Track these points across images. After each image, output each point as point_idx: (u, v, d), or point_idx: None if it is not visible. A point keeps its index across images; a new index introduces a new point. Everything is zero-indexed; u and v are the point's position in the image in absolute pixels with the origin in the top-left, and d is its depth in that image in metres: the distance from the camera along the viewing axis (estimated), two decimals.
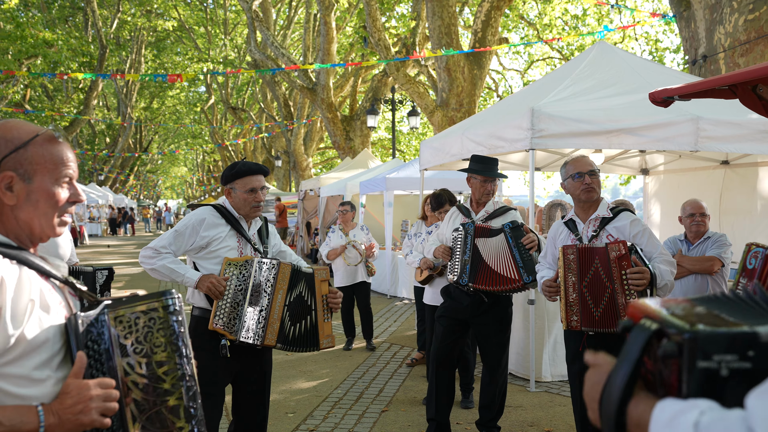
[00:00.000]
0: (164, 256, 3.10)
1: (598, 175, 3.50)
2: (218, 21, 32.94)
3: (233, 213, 3.21)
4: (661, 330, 0.88)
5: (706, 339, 0.82)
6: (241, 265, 3.10)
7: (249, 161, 3.29)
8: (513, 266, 3.97)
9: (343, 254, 7.08)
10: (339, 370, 6.27)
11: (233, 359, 3.10)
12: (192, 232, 3.14)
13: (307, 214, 17.67)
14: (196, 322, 3.15)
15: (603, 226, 3.42)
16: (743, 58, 8.26)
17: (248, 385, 3.23)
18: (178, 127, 42.88)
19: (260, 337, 3.05)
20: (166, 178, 78.79)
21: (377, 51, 15.71)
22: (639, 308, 0.94)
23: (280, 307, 3.10)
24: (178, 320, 1.49)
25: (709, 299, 0.96)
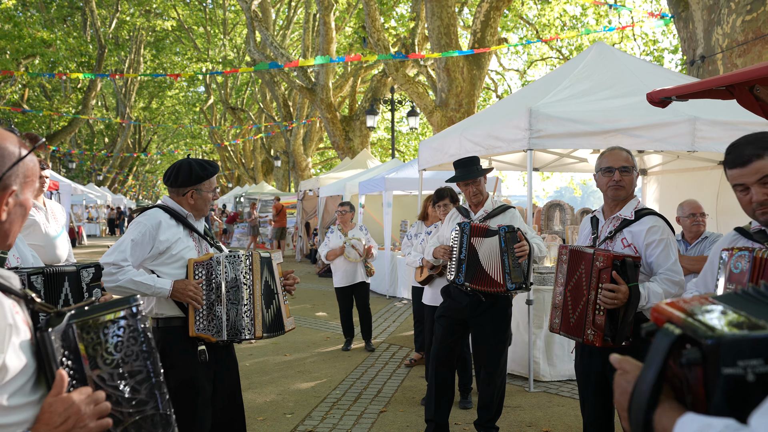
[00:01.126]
0: (126, 270, 2.86)
1: (632, 171, 3.17)
2: (217, 21, 32.93)
3: (181, 212, 3.08)
4: (684, 335, 0.86)
5: (730, 345, 0.80)
6: (207, 264, 3.00)
7: (199, 160, 3.15)
8: (500, 271, 3.97)
9: (344, 252, 7.09)
10: (337, 371, 6.28)
11: (211, 363, 3.03)
12: (150, 238, 2.93)
13: (306, 215, 17.68)
14: (167, 334, 3.00)
15: (621, 228, 3.16)
16: (741, 58, 8.27)
17: (223, 383, 3.14)
18: (177, 128, 42.87)
19: (250, 331, 2.99)
20: None
21: (376, 51, 15.71)
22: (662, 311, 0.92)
23: (259, 298, 3.03)
24: (146, 326, 1.42)
25: (731, 298, 0.94)
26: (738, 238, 2.38)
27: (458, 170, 4.32)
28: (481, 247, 4.04)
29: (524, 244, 3.94)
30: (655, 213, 3.19)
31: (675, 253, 3.10)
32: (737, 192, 2.21)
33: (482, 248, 4.04)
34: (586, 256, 3.05)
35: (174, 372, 2.93)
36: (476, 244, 4.06)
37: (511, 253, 3.95)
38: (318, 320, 9.22)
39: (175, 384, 2.92)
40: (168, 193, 3.16)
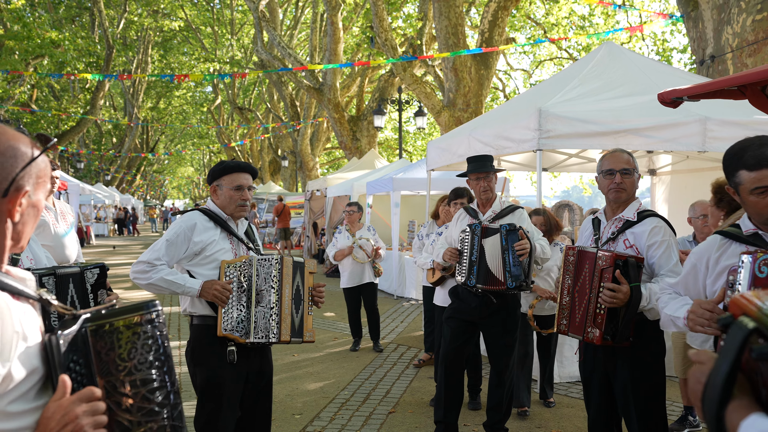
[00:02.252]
0: (159, 269, 2.96)
1: (633, 173, 3.18)
2: (225, 21, 33.00)
3: (221, 215, 3.13)
4: (758, 329, 0.85)
5: None
6: (241, 266, 3.04)
7: (240, 161, 3.23)
8: (501, 269, 3.97)
9: (353, 253, 7.08)
10: (346, 371, 6.27)
11: (241, 364, 3.06)
12: (184, 239, 3.01)
13: (314, 215, 17.69)
14: (201, 332, 3.07)
15: (623, 230, 3.15)
16: (751, 58, 8.22)
17: (255, 386, 3.18)
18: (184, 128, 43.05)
19: (276, 335, 3.01)
20: (173, 178, 79.00)
21: (384, 51, 15.71)
22: (738, 304, 0.91)
23: (289, 301, 3.07)
24: (162, 333, 1.38)
25: None
26: (728, 242, 2.32)
27: (471, 164, 4.31)
28: (486, 247, 4.04)
29: (525, 242, 3.92)
30: (657, 215, 3.19)
31: (676, 254, 3.10)
32: (754, 195, 2.15)
33: (487, 247, 4.03)
34: (590, 256, 3.07)
35: (201, 369, 3.04)
36: (484, 245, 4.05)
37: (511, 251, 3.94)
38: (326, 320, 9.22)
39: (201, 381, 3.04)
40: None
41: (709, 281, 2.36)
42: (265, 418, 3.26)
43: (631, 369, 3.06)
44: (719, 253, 2.33)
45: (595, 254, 3.02)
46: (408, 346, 7.45)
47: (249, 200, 3.19)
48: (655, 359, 3.12)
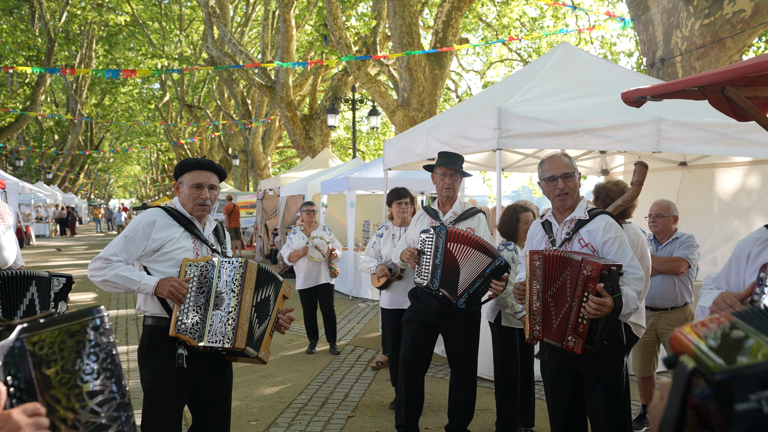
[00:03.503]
0: (116, 265, 2.88)
1: (574, 176, 3.20)
2: (173, 16, 32.23)
3: (184, 213, 3.05)
4: (697, 370, 0.82)
5: (739, 380, 0.76)
6: (203, 266, 2.93)
7: (204, 159, 3.14)
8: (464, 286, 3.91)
9: (308, 253, 6.92)
10: (302, 375, 6.12)
11: (192, 368, 2.93)
12: (143, 235, 2.94)
13: (267, 214, 17.40)
14: (151, 332, 2.97)
15: (577, 229, 3.15)
16: (699, 61, 8.43)
17: (209, 396, 3.05)
18: (131, 125, 41.83)
19: (230, 340, 2.87)
20: (119, 177, 76.88)
21: (338, 49, 15.56)
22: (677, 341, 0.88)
23: (249, 308, 2.93)
24: (109, 341, 1.27)
25: (749, 316, 0.88)
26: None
27: (442, 159, 4.24)
28: (464, 257, 3.92)
29: (502, 285, 3.90)
30: (606, 212, 3.22)
31: (629, 249, 3.12)
32: None
33: (467, 260, 3.92)
34: (573, 263, 2.95)
35: (147, 371, 2.95)
36: (456, 251, 3.93)
37: (486, 282, 3.88)
38: None
39: (146, 383, 2.95)
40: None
41: (747, 275, 2.26)
42: (220, 423, 3.11)
43: (597, 369, 3.05)
44: (761, 248, 2.24)
45: (579, 262, 2.91)
46: (365, 347, 7.34)
47: (209, 199, 3.06)
48: (618, 358, 3.12)
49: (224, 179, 3.24)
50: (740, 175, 7.10)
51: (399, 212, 5.22)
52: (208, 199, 3.05)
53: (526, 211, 4.59)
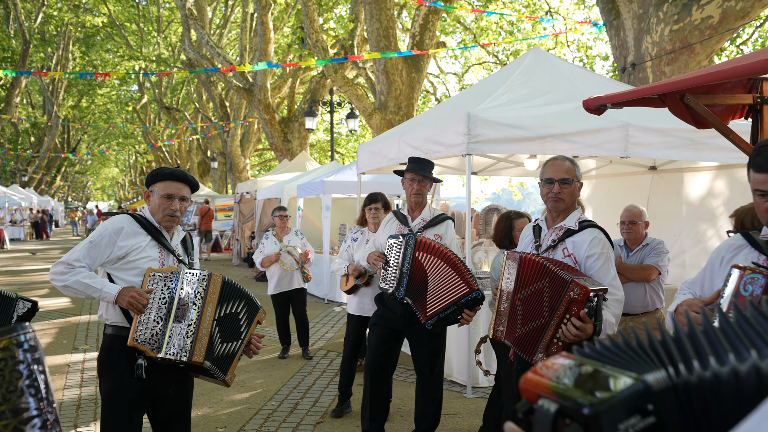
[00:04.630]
0: (78, 271, 2.83)
1: (572, 183, 3.11)
2: (151, 18, 31.96)
3: (153, 222, 3.02)
4: (562, 410, 0.79)
5: (607, 411, 0.75)
6: (167, 276, 2.90)
7: (176, 168, 3.10)
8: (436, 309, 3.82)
9: (280, 260, 6.90)
10: (273, 380, 6.10)
11: (151, 380, 2.90)
12: (109, 242, 2.89)
13: (244, 217, 17.32)
14: (110, 341, 2.93)
15: (564, 238, 3.10)
16: (669, 66, 8.54)
17: (168, 408, 3.03)
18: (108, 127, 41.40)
19: (187, 353, 2.83)
20: (96, 180, 76.00)
21: (315, 52, 15.54)
22: (531, 385, 0.85)
23: (210, 322, 2.89)
24: (36, 358, 1.24)
25: (595, 353, 0.88)
26: (744, 245, 2.21)
27: (412, 164, 4.24)
28: (436, 273, 3.86)
29: (472, 317, 3.86)
30: (597, 226, 3.14)
31: (614, 268, 3.06)
32: (756, 196, 2.07)
33: (438, 277, 3.86)
34: (559, 280, 2.84)
35: (105, 381, 2.93)
36: (425, 263, 3.88)
37: (459, 311, 3.81)
38: None
39: (105, 393, 2.92)
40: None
41: (718, 280, 2.22)
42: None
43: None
44: (732, 254, 2.23)
45: (568, 281, 2.80)
46: (338, 352, 7.33)
47: (178, 211, 3.03)
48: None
49: (196, 191, 3.22)
50: (708, 179, 7.20)
51: (370, 217, 5.23)
52: (178, 210, 3.03)
53: (521, 218, 4.59)
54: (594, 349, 0.89)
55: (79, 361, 6.88)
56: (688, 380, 0.79)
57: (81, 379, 6.17)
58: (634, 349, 0.87)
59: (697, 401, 0.78)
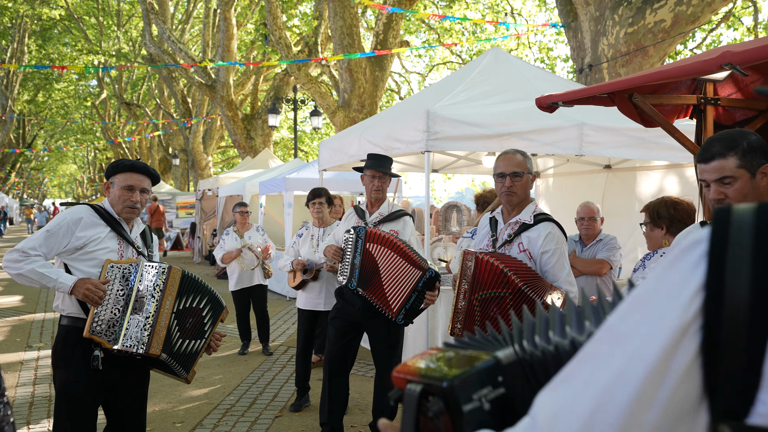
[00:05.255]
0: (33, 260, 2.80)
1: (524, 176, 3.17)
2: (111, 12, 31.34)
3: (112, 214, 3.01)
4: (425, 389, 0.87)
5: (462, 382, 0.84)
6: (125, 268, 2.91)
7: (138, 161, 3.09)
8: (400, 302, 3.86)
9: (239, 258, 6.88)
10: (233, 376, 6.09)
11: (108, 371, 2.90)
12: (66, 231, 2.87)
13: (206, 215, 17.15)
14: (66, 332, 2.91)
15: (520, 233, 3.15)
16: (624, 68, 8.77)
17: (124, 398, 3.04)
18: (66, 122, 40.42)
19: (144, 345, 2.84)
20: (54, 176, 74.14)
21: (278, 49, 15.48)
22: (402, 374, 0.93)
23: (168, 315, 2.91)
24: None
25: (458, 343, 0.98)
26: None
27: (371, 161, 4.29)
28: (387, 263, 3.92)
29: (435, 296, 3.88)
30: (552, 219, 3.20)
31: (567, 263, 3.15)
32: (701, 186, 2.17)
33: (390, 266, 3.91)
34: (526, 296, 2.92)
35: (60, 372, 2.91)
36: (375, 252, 3.95)
37: (421, 295, 3.86)
38: None
39: (59, 385, 2.91)
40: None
41: None
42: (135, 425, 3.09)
43: None
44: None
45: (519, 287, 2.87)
46: None
47: (139, 203, 3.03)
48: None
49: (157, 183, 3.21)
50: (659, 177, 7.43)
51: (314, 212, 5.28)
52: (139, 202, 3.03)
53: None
54: (460, 340, 0.99)
55: (33, 359, 6.76)
56: (532, 353, 0.90)
57: (35, 377, 6.07)
58: (495, 336, 0.98)
59: (539, 370, 0.89)
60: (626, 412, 0.69)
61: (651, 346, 0.70)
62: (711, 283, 0.70)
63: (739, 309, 0.68)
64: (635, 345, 0.71)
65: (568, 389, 0.74)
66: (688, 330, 0.70)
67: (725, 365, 0.68)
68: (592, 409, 0.70)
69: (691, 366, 0.69)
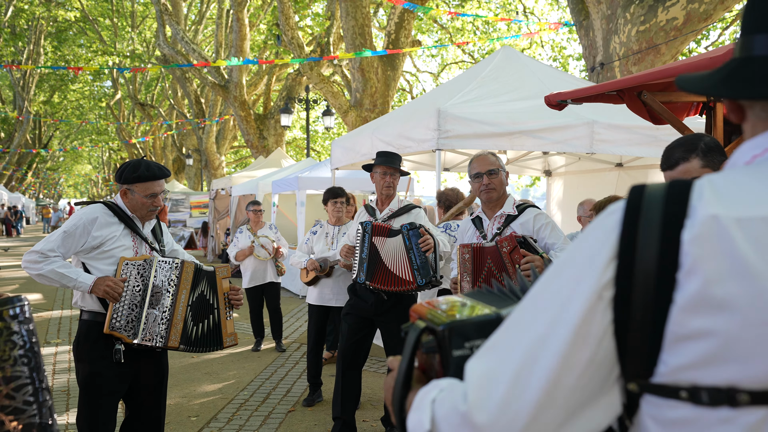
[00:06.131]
0: (52, 260, 2.88)
1: (499, 172, 3.39)
2: (125, 13, 31.62)
3: (126, 211, 3.08)
4: (427, 327, 0.95)
5: (458, 329, 0.91)
6: (140, 265, 3.00)
7: (152, 163, 3.11)
8: (408, 268, 3.97)
9: (254, 252, 6.97)
10: (246, 372, 6.17)
11: (129, 364, 2.99)
12: (83, 231, 2.93)
13: (219, 214, 17.28)
14: (87, 327, 3.00)
15: (508, 224, 3.33)
16: (636, 66, 8.76)
17: (144, 389, 3.13)
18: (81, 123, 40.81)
19: (163, 339, 2.96)
20: (69, 176, 74.85)
21: (291, 49, 15.57)
22: (415, 310, 1.02)
23: (184, 307, 3.03)
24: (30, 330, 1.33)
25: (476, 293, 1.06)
26: None
27: (380, 158, 4.34)
28: (383, 247, 4.05)
29: (428, 238, 3.95)
30: (532, 205, 3.44)
31: (561, 231, 3.35)
32: None
33: (385, 248, 4.05)
34: (490, 249, 3.15)
35: (83, 366, 2.98)
36: (378, 244, 4.07)
37: (417, 248, 3.96)
38: None
39: (83, 378, 2.98)
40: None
41: None
42: (155, 421, 3.18)
43: None
44: None
45: (495, 246, 3.12)
46: None
47: (161, 205, 3.13)
48: None
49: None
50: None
51: (334, 211, 5.33)
52: (161, 205, 3.13)
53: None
54: (480, 292, 1.06)
55: (51, 354, 6.88)
56: None
57: (53, 371, 6.18)
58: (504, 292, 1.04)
59: None
60: (550, 375, 0.74)
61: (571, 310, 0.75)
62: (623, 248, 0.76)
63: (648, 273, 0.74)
64: (555, 310, 0.76)
65: (493, 354, 0.80)
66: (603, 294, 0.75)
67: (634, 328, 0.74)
68: (516, 371, 0.76)
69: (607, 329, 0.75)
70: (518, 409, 0.74)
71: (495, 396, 0.76)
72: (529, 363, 0.75)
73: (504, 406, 0.75)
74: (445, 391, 0.85)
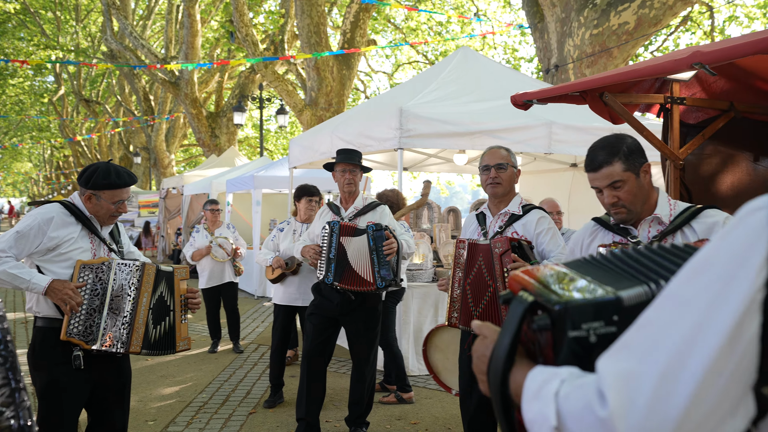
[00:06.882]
0: (4, 261, 2.73)
1: (508, 168, 3.31)
2: (69, 6, 30.59)
3: (85, 212, 2.95)
4: (536, 302, 0.91)
5: (575, 310, 0.87)
6: (97, 268, 2.86)
7: (122, 169, 2.99)
8: (370, 269, 3.98)
9: (211, 252, 6.82)
10: (204, 374, 6.03)
11: (89, 369, 2.87)
12: (38, 232, 2.78)
13: (170, 213, 16.90)
14: (43, 334, 2.85)
15: (511, 223, 3.27)
16: (589, 69, 8.97)
17: (106, 395, 3.00)
18: (21, 119, 39.29)
19: (124, 344, 2.83)
20: (8, 174, 71.97)
21: (244, 47, 15.35)
22: (517, 280, 0.97)
23: (145, 311, 2.90)
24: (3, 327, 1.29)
25: (581, 264, 1.01)
26: (598, 228, 2.50)
27: (340, 156, 4.31)
28: (349, 247, 4.04)
29: (392, 242, 3.96)
30: (540, 208, 3.36)
31: (562, 240, 3.30)
32: (596, 193, 2.35)
33: (351, 247, 4.03)
34: (483, 247, 3.09)
35: (41, 374, 2.85)
36: (345, 244, 4.05)
37: (380, 250, 3.96)
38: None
39: (41, 386, 2.85)
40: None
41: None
42: (118, 426, 3.06)
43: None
44: (591, 238, 2.51)
45: (488, 245, 3.06)
46: (269, 345, 7.28)
47: (125, 212, 3.04)
48: None
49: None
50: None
51: (307, 209, 5.26)
52: (125, 210, 3.03)
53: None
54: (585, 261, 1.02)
55: None
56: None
57: None
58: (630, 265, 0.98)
59: None
60: (700, 380, 0.69)
61: (723, 312, 0.71)
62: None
63: None
64: (701, 311, 0.71)
65: (630, 355, 0.75)
66: (756, 296, 0.70)
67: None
68: (661, 374, 0.71)
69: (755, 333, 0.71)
70: (663, 419, 0.70)
71: (639, 403, 0.71)
72: (678, 367, 0.70)
73: (649, 414, 0.71)
74: (569, 385, 0.81)
